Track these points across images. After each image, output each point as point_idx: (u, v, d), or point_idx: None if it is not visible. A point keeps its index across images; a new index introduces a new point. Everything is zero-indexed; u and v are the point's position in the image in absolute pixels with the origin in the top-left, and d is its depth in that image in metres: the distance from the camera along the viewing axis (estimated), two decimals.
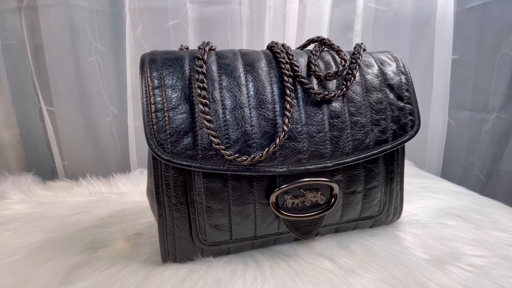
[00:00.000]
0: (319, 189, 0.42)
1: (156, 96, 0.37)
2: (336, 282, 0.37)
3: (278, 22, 0.82)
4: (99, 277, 0.39)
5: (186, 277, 0.38)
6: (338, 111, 0.42)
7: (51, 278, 0.39)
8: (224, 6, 0.79)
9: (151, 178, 0.40)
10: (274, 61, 0.43)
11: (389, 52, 0.50)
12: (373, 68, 0.46)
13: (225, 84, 0.39)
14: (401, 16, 0.86)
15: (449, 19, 0.82)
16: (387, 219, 0.50)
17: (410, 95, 0.46)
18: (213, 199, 0.39)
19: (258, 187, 0.40)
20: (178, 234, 0.40)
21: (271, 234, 0.43)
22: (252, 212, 0.40)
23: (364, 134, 0.43)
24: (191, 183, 0.38)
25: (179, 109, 0.37)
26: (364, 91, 0.44)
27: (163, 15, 0.77)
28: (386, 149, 0.44)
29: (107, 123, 0.82)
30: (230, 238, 0.41)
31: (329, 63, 0.45)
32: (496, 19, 0.80)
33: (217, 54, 0.42)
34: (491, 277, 0.38)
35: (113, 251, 0.45)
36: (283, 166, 0.39)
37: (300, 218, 0.41)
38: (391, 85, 0.46)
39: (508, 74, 0.80)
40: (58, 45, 0.74)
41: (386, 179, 0.46)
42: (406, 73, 0.48)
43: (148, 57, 0.40)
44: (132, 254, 0.44)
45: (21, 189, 0.69)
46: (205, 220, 0.39)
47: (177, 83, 0.38)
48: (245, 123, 0.38)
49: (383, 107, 0.44)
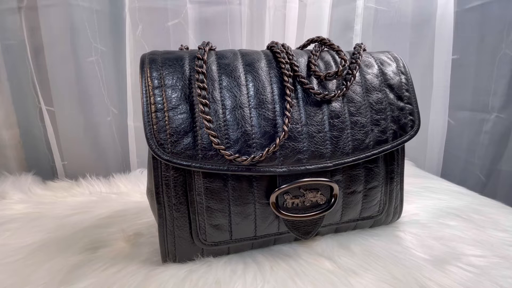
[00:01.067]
0: (319, 189, 0.42)
1: (156, 96, 0.37)
2: (336, 282, 0.37)
3: (278, 22, 0.82)
4: (99, 277, 0.39)
5: (186, 277, 0.38)
6: (338, 111, 0.42)
7: (51, 278, 0.39)
8: (224, 6, 0.79)
9: (151, 178, 0.40)
10: (274, 61, 0.43)
11: (389, 52, 0.50)
12: (373, 68, 0.46)
13: (225, 84, 0.39)
14: (401, 16, 0.86)
15: (449, 19, 0.82)
16: (387, 219, 0.50)
17: (410, 95, 0.46)
18: (213, 199, 0.39)
19: (258, 187, 0.40)
20: (178, 234, 0.40)
21: (271, 234, 0.43)
22: (252, 212, 0.40)
23: (364, 134, 0.43)
24: (191, 183, 0.38)
25: (179, 109, 0.37)
26: (364, 91, 0.44)
27: (163, 15, 0.77)
28: (386, 149, 0.44)
29: (107, 123, 0.82)
30: (230, 238, 0.41)
31: (329, 63, 0.45)
32: (496, 19, 0.80)
33: (217, 54, 0.42)
34: (491, 277, 0.38)
35: (113, 251, 0.45)
36: (283, 166, 0.39)
37: (300, 218, 0.41)
38: (391, 85, 0.46)
39: (508, 74, 0.80)
40: (58, 45, 0.74)
41: (386, 179, 0.46)
42: (406, 73, 0.48)
43: (148, 57, 0.40)
44: (132, 254, 0.44)
45: (21, 189, 0.69)
46: (205, 220, 0.39)
47: (177, 83, 0.38)
48: (245, 123, 0.38)
49: (383, 107, 0.44)
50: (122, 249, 0.45)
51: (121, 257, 0.43)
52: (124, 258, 0.43)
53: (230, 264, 0.41)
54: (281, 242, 0.46)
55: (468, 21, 0.85)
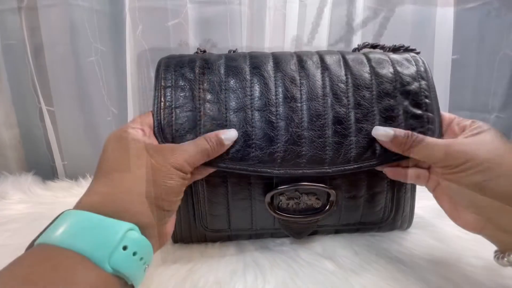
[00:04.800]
0: (316, 193, 0.42)
1: (167, 94, 0.41)
2: (336, 282, 0.37)
3: (278, 22, 0.82)
4: None
5: (187, 277, 0.38)
6: (342, 117, 0.41)
7: None
8: (224, 6, 0.79)
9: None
10: (281, 64, 0.43)
11: (413, 51, 0.47)
12: (387, 72, 0.43)
13: (231, 86, 0.41)
14: (401, 16, 0.85)
15: (449, 19, 0.82)
16: (394, 226, 0.48)
17: (431, 102, 0.42)
18: (213, 192, 0.42)
19: (255, 185, 0.42)
20: (184, 219, 0.44)
21: (268, 229, 0.45)
22: (249, 207, 0.43)
23: (369, 141, 0.40)
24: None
25: (185, 107, 0.40)
26: (374, 97, 0.42)
27: (163, 15, 0.77)
28: (394, 159, 0.40)
29: (107, 123, 0.81)
30: (228, 228, 0.44)
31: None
32: (496, 19, 0.80)
33: (226, 57, 0.44)
34: (491, 277, 0.38)
35: None
36: (281, 168, 0.39)
37: (293, 219, 0.42)
38: (408, 91, 0.42)
39: (508, 74, 0.80)
40: (58, 45, 0.74)
41: (392, 186, 0.45)
42: (427, 78, 0.43)
43: (164, 61, 0.44)
44: None
45: (21, 189, 0.69)
46: (206, 210, 0.43)
47: (186, 83, 0.41)
48: (246, 124, 0.39)
49: (394, 115, 0.41)
50: None
51: None
52: None
53: (231, 265, 0.41)
54: (278, 236, 0.48)
55: (468, 21, 0.85)
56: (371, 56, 0.45)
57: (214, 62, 0.42)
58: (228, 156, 0.39)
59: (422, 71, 0.44)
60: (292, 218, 0.42)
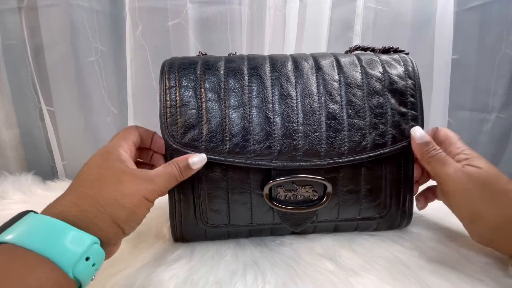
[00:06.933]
0: (313, 186, 0.44)
1: (171, 94, 0.43)
2: (337, 282, 0.37)
3: (278, 22, 0.82)
4: (99, 277, 0.39)
5: (187, 277, 0.38)
6: (336, 113, 0.44)
7: None
8: (224, 6, 0.79)
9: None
10: (278, 65, 0.45)
11: (402, 53, 0.49)
12: (377, 72, 0.46)
13: (230, 85, 0.44)
14: (401, 16, 0.86)
15: (449, 19, 0.82)
16: (393, 223, 0.48)
17: (415, 101, 0.46)
18: (213, 187, 0.43)
19: (254, 178, 0.43)
20: (185, 215, 0.45)
21: (267, 223, 0.46)
22: (248, 201, 0.44)
23: (361, 136, 0.43)
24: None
25: (189, 105, 0.43)
26: (364, 95, 0.45)
27: (163, 15, 0.77)
28: (383, 152, 0.44)
29: (107, 123, 0.82)
30: (228, 223, 0.45)
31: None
32: (496, 19, 0.80)
33: (226, 59, 0.46)
34: (491, 276, 0.38)
35: None
36: (278, 161, 0.42)
37: (291, 211, 0.44)
38: (395, 90, 0.45)
39: (508, 74, 0.80)
40: (58, 45, 0.74)
41: (391, 183, 0.46)
42: (414, 78, 0.47)
43: (168, 62, 0.46)
44: (132, 254, 0.44)
45: (21, 189, 0.69)
46: (206, 204, 0.44)
47: (189, 83, 0.44)
48: (244, 120, 0.42)
49: (383, 111, 0.44)
50: (122, 249, 0.45)
51: (121, 258, 0.43)
52: (124, 258, 0.43)
53: (231, 265, 0.41)
54: (278, 233, 0.48)
55: (468, 21, 0.85)
56: (362, 57, 0.47)
57: (215, 64, 0.45)
58: (227, 150, 0.41)
59: (410, 70, 0.47)
60: (291, 209, 0.44)
